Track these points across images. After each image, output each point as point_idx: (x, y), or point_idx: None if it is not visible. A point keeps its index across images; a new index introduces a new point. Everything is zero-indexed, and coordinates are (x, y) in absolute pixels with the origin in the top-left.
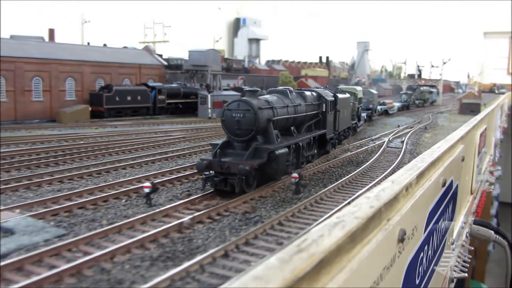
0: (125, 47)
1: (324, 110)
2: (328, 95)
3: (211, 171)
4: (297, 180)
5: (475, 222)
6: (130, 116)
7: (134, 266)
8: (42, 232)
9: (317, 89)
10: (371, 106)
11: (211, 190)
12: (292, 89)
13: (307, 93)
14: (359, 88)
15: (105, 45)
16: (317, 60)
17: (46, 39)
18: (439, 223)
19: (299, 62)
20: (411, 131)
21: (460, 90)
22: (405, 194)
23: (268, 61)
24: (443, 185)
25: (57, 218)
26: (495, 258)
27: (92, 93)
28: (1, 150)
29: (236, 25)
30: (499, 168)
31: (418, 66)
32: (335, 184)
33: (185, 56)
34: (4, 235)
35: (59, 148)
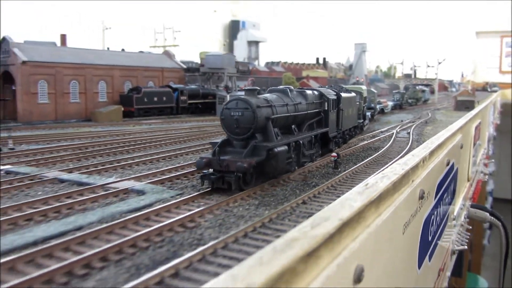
0: (141, 52)
1: (326, 108)
2: (331, 94)
3: (210, 169)
4: (336, 158)
5: (472, 206)
6: (156, 115)
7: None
8: (165, 192)
9: (319, 88)
10: (373, 105)
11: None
12: (292, 88)
13: (308, 92)
14: (364, 87)
15: (123, 49)
16: (314, 61)
17: (58, 44)
18: (444, 197)
19: (297, 64)
20: (414, 125)
21: (454, 89)
22: (422, 165)
23: (267, 63)
24: (447, 164)
25: (166, 185)
26: (490, 252)
27: (122, 94)
28: (72, 143)
29: (232, 27)
30: (493, 161)
31: (415, 66)
32: (362, 162)
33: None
34: (138, 194)
35: (115, 141)
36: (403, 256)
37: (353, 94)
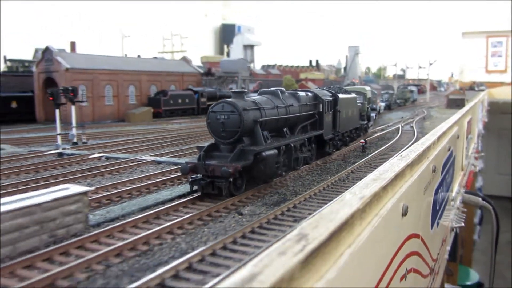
0: (155, 58)
1: (321, 110)
2: (326, 95)
3: (198, 175)
4: (364, 144)
5: (466, 192)
6: (180, 116)
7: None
8: None
9: (314, 90)
10: (375, 106)
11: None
12: (284, 89)
13: (301, 93)
14: (368, 88)
15: (139, 56)
16: (306, 63)
17: (68, 50)
18: (446, 177)
19: (292, 66)
20: (414, 121)
21: (442, 88)
22: (433, 146)
23: (263, 66)
24: (448, 149)
25: None
26: (480, 247)
27: (150, 97)
28: (132, 138)
29: (223, 31)
30: (483, 154)
31: (407, 67)
32: (382, 148)
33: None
34: None
35: (166, 136)
36: (424, 212)
37: (353, 95)
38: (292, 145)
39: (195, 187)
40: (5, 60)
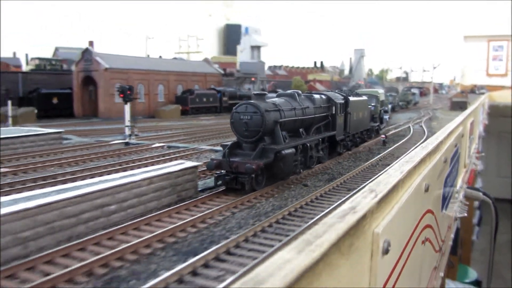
0: (174, 58)
1: (333, 112)
2: (338, 98)
3: (222, 170)
4: (384, 139)
5: (468, 188)
6: (204, 113)
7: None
8: None
9: (327, 92)
10: (387, 108)
11: None
12: (300, 92)
13: (316, 96)
14: (381, 91)
15: (160, 57)
16: (310, 64)
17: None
18: (453, 170)
19: (298, 67)
20: (422, 121)
21: (444, 91)
22: (444, 141)
23: (270, 67)
24: (455, 146)
25: None
26: (479, 248)
27: (177, 96)
28: (175, 132)
29: (226, 31)
30: (483, 154)
31: (412, 70)
32: (399, 143)
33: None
34: None
35: (204, 130)
36: (437, 194)
37: (364, 97)
38: (308, 144)
39: (219, 182)
40: (31, 59)
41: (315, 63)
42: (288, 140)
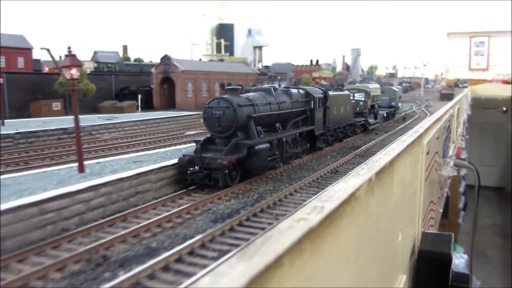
0: (210, 61)
1: (312, 107)
2: (317, 92)
3: (195, 167)
4: (404, 116)
5: (456, 158)
6: None
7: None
8: None
9: (305, 87)
10: (393, 103)
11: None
12: (277, 87)
13: (294, 90)
14: (373, 86)
15: (200, 59)
16: (306, 62)
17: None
18: (446, 139)
19: (297, 66)
20: (421, 107)
21: (429, 85)
22: (441, 118)
23: (274, 65)
24: (449, 121)
25: None
26: (464, 231)
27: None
28: None
29: (219, 30)
30: (467, 137)
31: (405, 67)
32: (412, 119)
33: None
34: None
35: None
36: (439, 155)
37: (345, 92)
38: (284, 139)
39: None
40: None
41: (311, 61)
42: (263, 135)
